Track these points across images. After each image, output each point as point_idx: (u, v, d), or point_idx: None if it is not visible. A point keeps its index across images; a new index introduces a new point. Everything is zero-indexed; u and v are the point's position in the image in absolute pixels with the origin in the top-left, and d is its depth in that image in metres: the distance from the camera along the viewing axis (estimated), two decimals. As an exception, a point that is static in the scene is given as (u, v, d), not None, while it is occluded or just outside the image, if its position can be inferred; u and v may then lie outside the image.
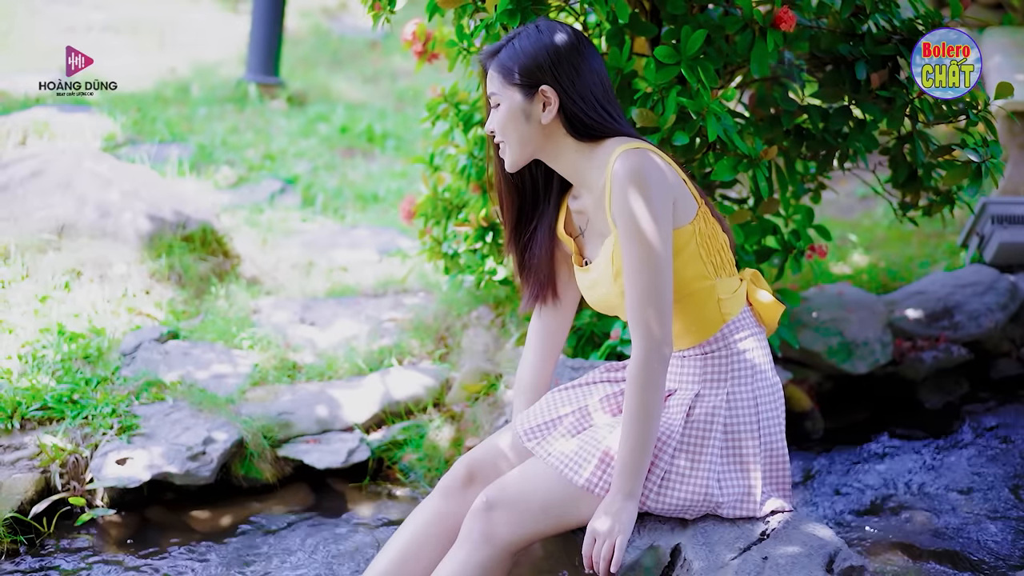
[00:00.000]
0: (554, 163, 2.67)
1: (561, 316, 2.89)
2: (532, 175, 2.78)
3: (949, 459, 3.84)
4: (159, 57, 9.29)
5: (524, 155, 2.64)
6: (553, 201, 2.81)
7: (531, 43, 2.59)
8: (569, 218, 2.79)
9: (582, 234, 2.75)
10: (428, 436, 3.95)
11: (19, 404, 3.70)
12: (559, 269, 2.85)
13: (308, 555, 3.35)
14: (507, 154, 2.65)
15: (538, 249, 2.81)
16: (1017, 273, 4.71)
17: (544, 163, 2.69)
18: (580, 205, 2.72)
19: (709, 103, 2.99)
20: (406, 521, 2.77)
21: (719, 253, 2.63)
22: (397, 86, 9.64)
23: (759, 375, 2.63)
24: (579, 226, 2.76)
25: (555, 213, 2.81)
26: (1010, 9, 6.79)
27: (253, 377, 4.16)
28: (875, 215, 6.11)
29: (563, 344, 2.94)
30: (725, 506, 2.57)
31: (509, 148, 2.63)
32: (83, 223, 4.73)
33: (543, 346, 2.90)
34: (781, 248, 3.70)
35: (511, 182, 2.78)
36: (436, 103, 3.95)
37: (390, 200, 6.48)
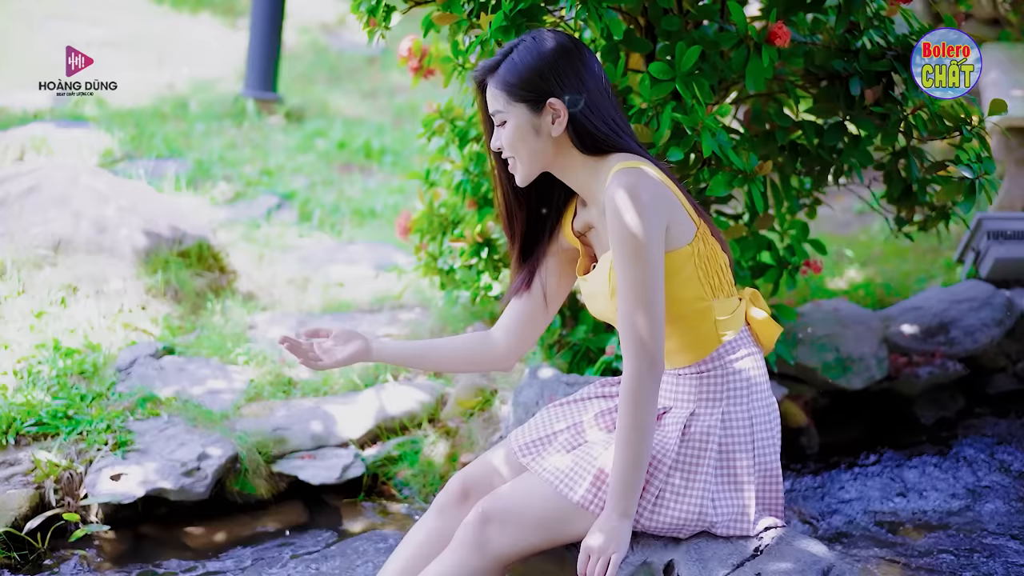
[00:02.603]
0: (563, 176, 2.66)
1: (543, 315, 2.87)
2: (539, 188, 2.76)
3: (945, 475, 3.84)
4: (157, 73, 9.31)
5: (535, 169, 2.63)
6: (558, 209, 2.81)
7: (531, 56, 2.56)
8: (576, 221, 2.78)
9: (591, 244, 2.75)
10: (423, 452, 3.95)
11: (14, 419, 3.70)
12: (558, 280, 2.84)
13: (302, 571, 3.34)
14: (518, 170, 2.63)
15: (542, 258, 2.82)
16: (1013, 288, 4.71)
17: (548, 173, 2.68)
18: (588, 216, 2.71)
19: (704, 119, 3.00)
20: (404, 540, 2.76)
21: (717, 274, 2.61)
22: (395, 102, 9.66)
23: (755, 394, 2.63)
24: (587, 235, 2.75)
25: (558, 220, 2.81)
26: (1007, 25, 6.80)
27: (248, 393, 4.16)
28: (872, 230, 6.12)
29: (530, 343, 2.90)
30: (719, 525, 2.56)
31: (520, 164, 2.62)
32: (79, 239, 4.73)
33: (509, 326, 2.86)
34: (776, 264, 3.70)
35: (518, 196, 2.76)
36: (432, 119, 3.96)
37: (387, 216, 6.49)
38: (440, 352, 2.89)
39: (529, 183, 2.66)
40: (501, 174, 2.74)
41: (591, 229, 2.72)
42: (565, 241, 2.82)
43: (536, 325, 2.86)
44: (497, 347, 2.87)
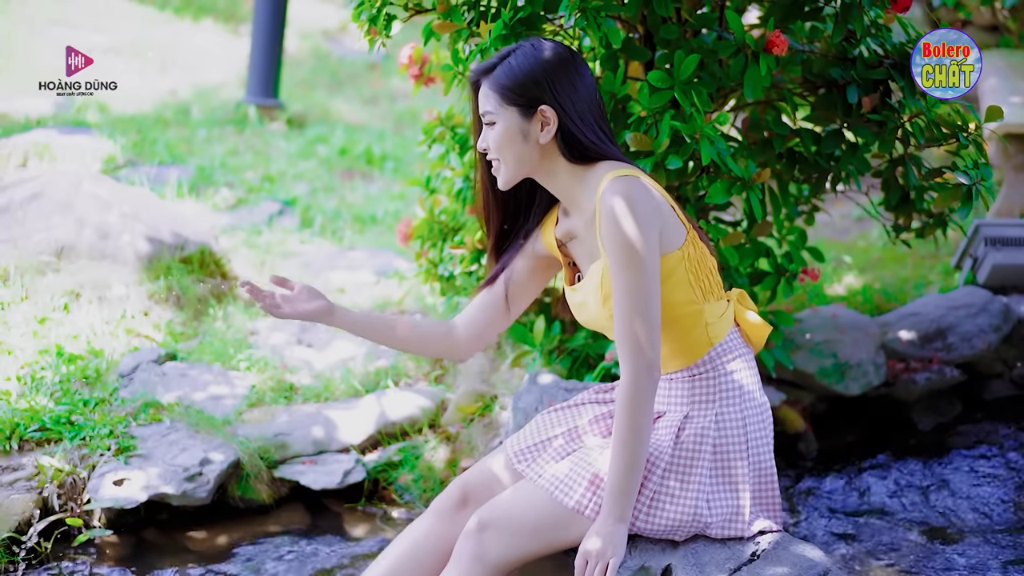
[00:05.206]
0: (547, 182, 2.67)
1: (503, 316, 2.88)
2: (518, 193, 2.78)
3: (942, 480, 3.85)
4: (160, 79, 9.33)
5: (519, 174, 2.65)
6: (536, 216, 2.83)
7: (528, 61, 2.58)
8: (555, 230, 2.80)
9: (571, 254, 2.77)
10: (423, 457, 3.97)
11: (17, 425, 3.72)
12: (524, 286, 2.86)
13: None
14: (501, 172, 2.65)
15: (511, 261, 2.83)
16: (1010, 295, 4.73)
17: (532, 180, 2.70)
18: (570, 224, 2.72)
19: (702, 127, 3.02)
20: (396, 539, 2.77)
21: (707, 277, 2.64)
22: (396, 108, 9.67)
23: (747, 396, 2.65)
24: (568, 244, 2.77)
25: (535, 226, 2.83)
26: (1006, 31, 6.82)
27: (250, 398, 4.18)
28: (870, 236, 6.13)
29: (487, 340, 2.90)
30: (714, 526, 2.58)
31: (504, 167, 2.63)
32: (82, 245, 4.75)
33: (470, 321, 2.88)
34: (774, 271, 3.72)
35: (498, 198, 2.78)
36: (432, 126, 3.98)
37: (388, 222, 6.50)
38: (399, 331, 2.86)
39: (510, 187, 2.68)
40: (484, 174, 2.76)
41: (573, 239, 2.73)
42: (542, 248, 2.82)
43: (494, 325, 2.87)
44: (457, 338, 2.88)
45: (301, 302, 2.76)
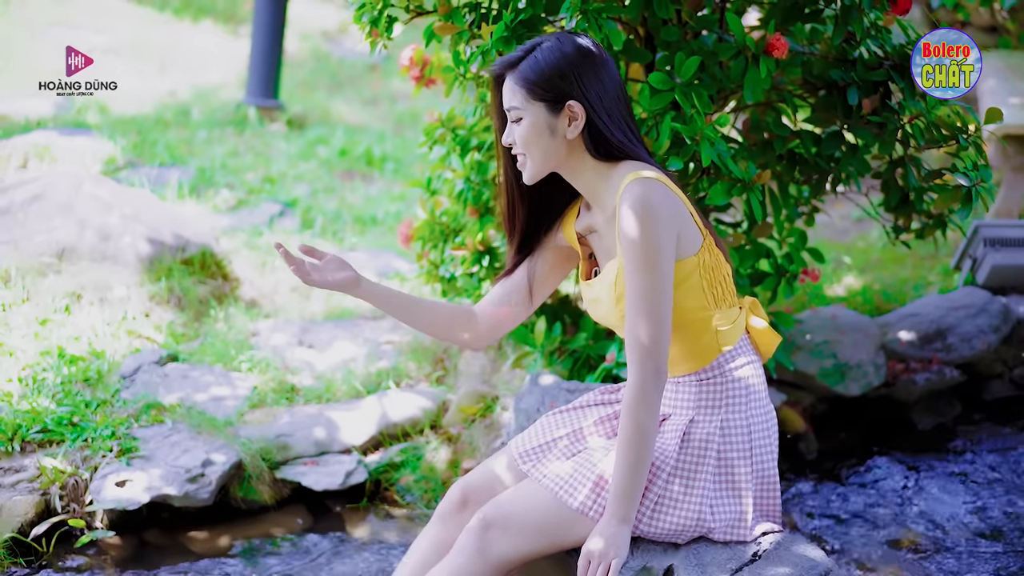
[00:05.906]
0: (571, 177, 2.67)
1: (525, 306, 2.90)
2: (543, 188, 2.78)
3: (941, 481, 3.86)
4: (160, 80, 9.33)
5: (545, 169, 2.64)
6: (559, 207, 2.84)
7: (555, 56, 2.57)
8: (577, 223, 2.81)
9: (591, 247, 2.78)
10: (425, 458, 3.97)
11: (19, 427, 3.72)
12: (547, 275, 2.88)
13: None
14: (527, 167, 2.64)
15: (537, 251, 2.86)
16: (1010, 295, 4.73)
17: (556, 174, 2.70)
18: (591, 219, 2.72)
19: (703, 128, 3.03)
20: (409, 550, 2.80)
21: (720, 284, 2.64)
22: (396, 109, 9.67)
23: (753, 402, 2.66)
24: (588, 238, 2.77)
25: (559, 217, 2.84)
26: (1005, 32, 6.83)
27: (252, 399, 4.18)
28: (870, 237, 6.14)
29: (506, 329, 2.92)
30: (717, 531, 2.59)
31: (531, 162, 2.63)
32: (83, 246, 4.76)
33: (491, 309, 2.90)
34: (774, 272, 3.73)
35: (523, 192, 2.78)
36: (433, 128, 3.98)
37: (388, 223, 6.51)
38: (421, 310, 2.87)
39: (536, 182, 2.68)
40: (508, 170, 2.76)
41: (592, 232, 2.74)
42: (562, 239, 2.84)
43: (516, 314, 2.89)
44: (476, 325, 2.90)
45: (330, 271, 2.76)
